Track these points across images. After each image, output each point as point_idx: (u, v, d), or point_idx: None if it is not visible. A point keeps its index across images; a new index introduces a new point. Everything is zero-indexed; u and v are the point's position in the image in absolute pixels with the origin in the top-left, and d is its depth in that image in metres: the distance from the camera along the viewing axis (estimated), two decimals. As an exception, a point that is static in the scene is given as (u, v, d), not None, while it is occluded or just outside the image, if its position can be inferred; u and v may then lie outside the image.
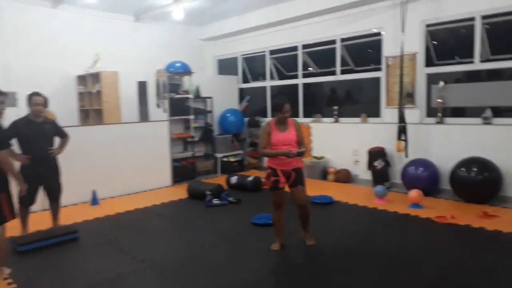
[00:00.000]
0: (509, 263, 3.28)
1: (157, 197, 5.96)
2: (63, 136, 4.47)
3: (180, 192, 6.12)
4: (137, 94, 7.12)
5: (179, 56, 7.78)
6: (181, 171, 7.07)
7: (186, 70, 7.39)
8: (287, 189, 3.65)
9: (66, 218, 4.74)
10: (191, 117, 7.43)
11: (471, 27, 5.39)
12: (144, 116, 7.08)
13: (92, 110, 6.95)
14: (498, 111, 5.37)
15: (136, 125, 6.68)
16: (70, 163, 5.00)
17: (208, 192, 5.47)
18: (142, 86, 7.09)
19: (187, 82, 7.58)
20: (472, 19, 5.37)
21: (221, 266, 3.44)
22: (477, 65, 5.42)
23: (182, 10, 6.89)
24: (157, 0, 6.83)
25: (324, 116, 7.26)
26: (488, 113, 5.27)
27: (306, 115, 7.57)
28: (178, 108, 7.27)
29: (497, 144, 5.08)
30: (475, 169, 4.90)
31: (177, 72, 7.34)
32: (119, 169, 6.14)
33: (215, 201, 5.39)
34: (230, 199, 5.47)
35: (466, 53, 5.50)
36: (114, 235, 4.29)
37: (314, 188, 6.04)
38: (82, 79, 7.01)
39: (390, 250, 3.65)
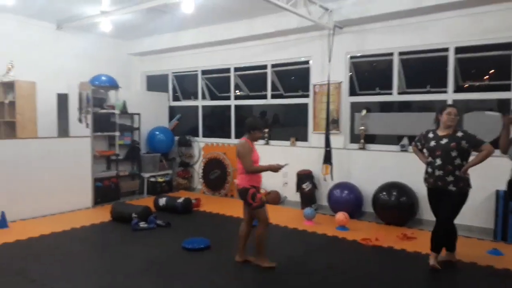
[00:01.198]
0: (432, 283, 3.53)
1: (77, 219, 5.49)
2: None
3: (103, 214, 5.71)
4: (56, 107, 6.60)
5: (105, 69, 7.41)
6: (104, 192, 6.62)
7: (112, 84, 7.04)
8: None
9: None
10: (117, 133, 7.04)
11: (390, 62, 5.89)
12: (63, 131, 6.56)
13: (3, 123, 6.28)
14: (413, 139, 5.87)
15: (54, 140, 6.16)
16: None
17: (134, 215, 5.17)
18: (62, 98, 6.59)
19: (113, 97, 7.21)
20: (391, 54, 5.88)
21: (151, 295, 3.25)
22: (395, 96, 5.91)
23: (109, 23, 6.59)
24: (82, 9, 6.44)
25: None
26: (405, 141, 5.74)
27: (238, 136, 7.61)
28: (103, 123, 6.86)
29: (413, 170, 5.50)
30: (395, 193, 5.28)
31: (102, 86, 6.96)
32: (34, 188, 5.59)
33: (142, 224, 5.10)
34: (159, 222, 5.21)
35: (386, 85, 5.98)
36: (25, 264, 3.84)
37: (244, 210, 6.05)
38: (-9, 88, 6.33)
39: (322, 272, 3.73)
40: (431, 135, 3.89)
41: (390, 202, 5.25)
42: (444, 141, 3.73)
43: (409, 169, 5.54)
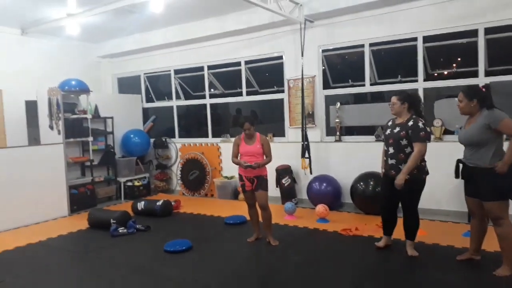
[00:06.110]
0: (411, 269, 3.60)
1: (53, 229, 5.36)
2: None
3: (80, 222, 5.58)
4: (25, 114, 6.39)
5: (74, 73, 7.21)
6: (80, 199, 6.48)
7: (83, 88, 6.87)
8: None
9: None
10: (90, 139, 6.88)
11: (362, 54, 5.96)
12: (34, 139, 6.36)
13: (-32, 134, 6.04)
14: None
15: (25, 149, 5.97)
16: None
17: (113, 221, 5.07)
18: (31, 106, 6.38)
19: (85, 102, 7.04)
20: (362, 46, 5.95)
21: (134, 301, 3.19)
22: (367, 87, 6.00)
23: (77, 25, 6.40)
24: (47, 13, 6.23)
25: (232, 136, 7.32)
26: (380, 131, 5.84)
27: (215, 135, 7.56)
28: (75, 129, 6.70)
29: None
30: (372, 183, 5.36)
31: (72, 91, 6.78)
32: (6, 200, 5.41)
33: (121, 229, 5.00)
34: (138, 226, 5.13)
35: (358, 77, 6.06)
36: (2, 277, 3.71)
37: (226, 208, 6.04)
38: (-46, 98, 6.07)
39: (306, 264, 3.76)
40: (390, 123, 3.90)
41: (368, 192, 5.33)
42: (397, 129, 3.72)
43: (385, 158, 5.65)
